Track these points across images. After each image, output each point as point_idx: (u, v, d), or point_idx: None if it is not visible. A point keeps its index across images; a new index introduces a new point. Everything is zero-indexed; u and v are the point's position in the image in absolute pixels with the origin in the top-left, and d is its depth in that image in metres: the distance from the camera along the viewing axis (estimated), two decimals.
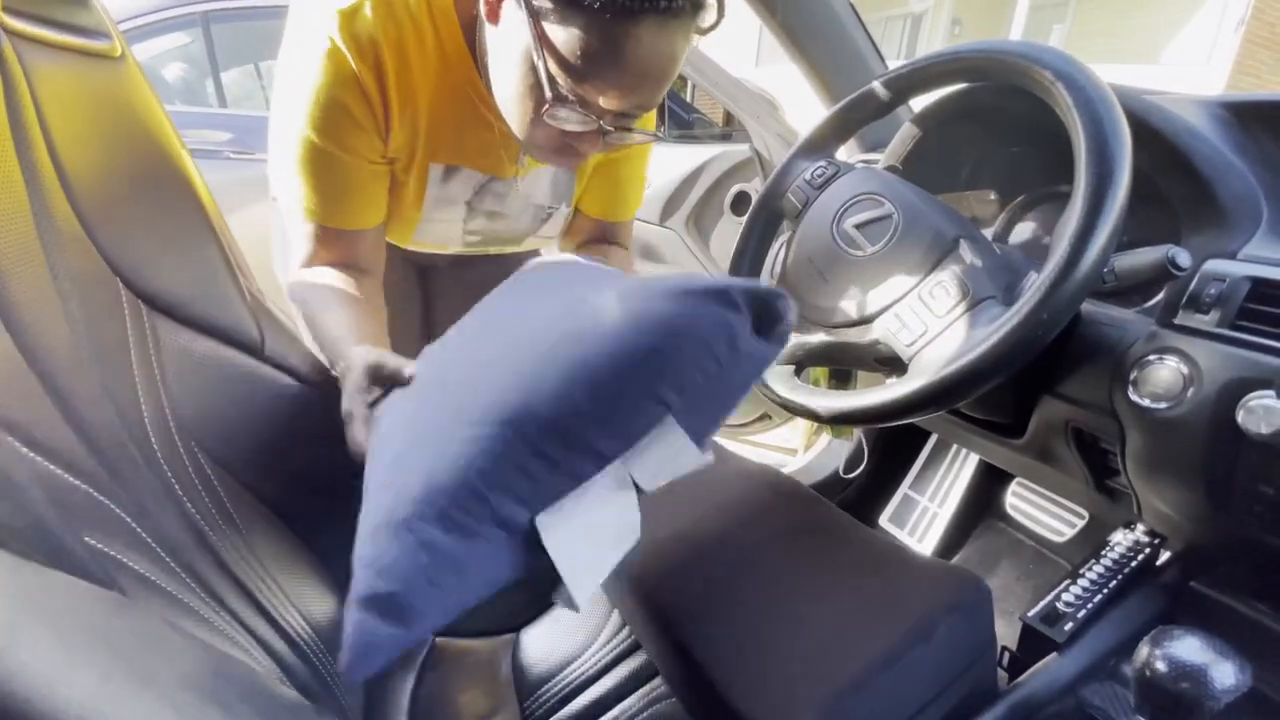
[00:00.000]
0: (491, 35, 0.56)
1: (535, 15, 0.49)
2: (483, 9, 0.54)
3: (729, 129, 1.43)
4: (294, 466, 0.57)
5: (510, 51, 0.54)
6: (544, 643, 0.77)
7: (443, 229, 0.80)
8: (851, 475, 1.17)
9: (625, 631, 0.74)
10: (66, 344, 0.39)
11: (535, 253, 1.03)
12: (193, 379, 0.51)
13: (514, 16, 0.52)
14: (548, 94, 0.52)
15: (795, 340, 0.67)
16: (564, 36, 0.49)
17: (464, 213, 0.78)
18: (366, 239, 0.71)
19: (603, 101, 0.52)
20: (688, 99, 3.82)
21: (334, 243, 0.68)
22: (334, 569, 0.60)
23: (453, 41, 0.62)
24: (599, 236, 0.90)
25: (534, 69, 0.52)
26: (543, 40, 0.50)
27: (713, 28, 0.53)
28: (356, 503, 0.41)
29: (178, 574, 0.40)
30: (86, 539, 0.31)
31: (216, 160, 1.89)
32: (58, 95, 0.44)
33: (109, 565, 0.33)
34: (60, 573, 0.27)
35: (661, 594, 0.65)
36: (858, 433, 1.18)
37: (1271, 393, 0.52)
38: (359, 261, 0.71)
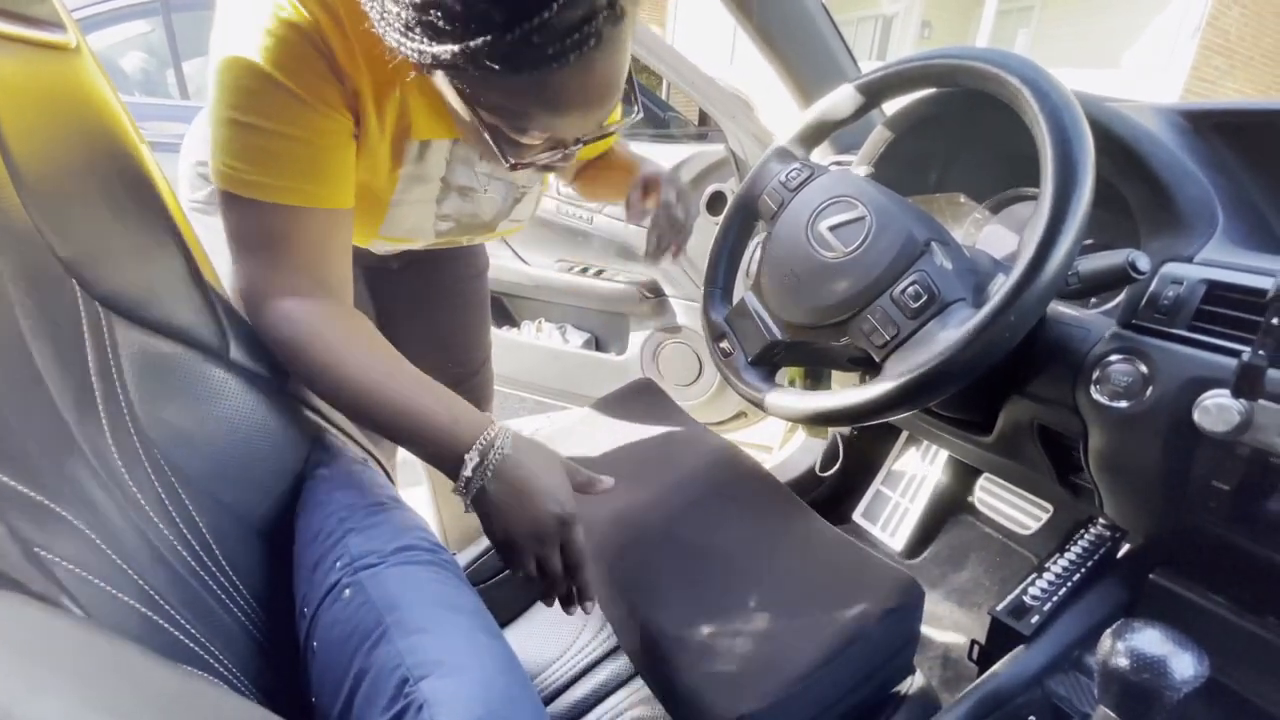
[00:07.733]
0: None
1: (463, 95, 0.48)
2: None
3: (704, 129, 1.43)
4: (262, 474, 0.56)
5: (457, 108, 0.52)
6: (523, 644, 0.77)
7: (415, 214, 0.72)
8: (826, 473, 1.19)
9: (606, 632, 0.74)
10: (20, 349, 0.37)
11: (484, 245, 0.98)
12: (153, 384, 0.50)
13: (447, 86, 0.50)
14: (506, 160, 0.53)
15: (770, 340, 0.67)
16: (495, 101, 0.48)
17: (437, 190, 0.71)
18: (339, 230, 0.59)
19: (554, 136, 0.52)
20: (663, 97, 3.81)
21: (296, 237, 0.55)
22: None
23: None
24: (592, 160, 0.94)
25: (483, 136, 0.52)
26: (481, 120, 0.50)
27: None
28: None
29: (142, 588, 0.38)
30: (43, 554, 0.30)
31: (179, 154, 1.83)
32: (8, 88, 0.42)
33: (69, 582, 0.31)
34: (17, 594, 0.26)
35: (628, 578, 0.67)
36: (832, 431, 1.19)
37: (1226, 392, 0.54)
38: (329, 275, 0.58)
